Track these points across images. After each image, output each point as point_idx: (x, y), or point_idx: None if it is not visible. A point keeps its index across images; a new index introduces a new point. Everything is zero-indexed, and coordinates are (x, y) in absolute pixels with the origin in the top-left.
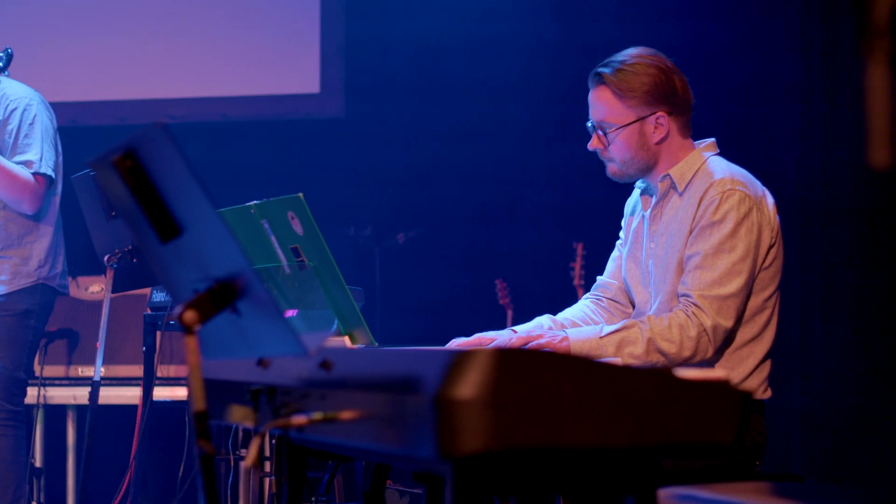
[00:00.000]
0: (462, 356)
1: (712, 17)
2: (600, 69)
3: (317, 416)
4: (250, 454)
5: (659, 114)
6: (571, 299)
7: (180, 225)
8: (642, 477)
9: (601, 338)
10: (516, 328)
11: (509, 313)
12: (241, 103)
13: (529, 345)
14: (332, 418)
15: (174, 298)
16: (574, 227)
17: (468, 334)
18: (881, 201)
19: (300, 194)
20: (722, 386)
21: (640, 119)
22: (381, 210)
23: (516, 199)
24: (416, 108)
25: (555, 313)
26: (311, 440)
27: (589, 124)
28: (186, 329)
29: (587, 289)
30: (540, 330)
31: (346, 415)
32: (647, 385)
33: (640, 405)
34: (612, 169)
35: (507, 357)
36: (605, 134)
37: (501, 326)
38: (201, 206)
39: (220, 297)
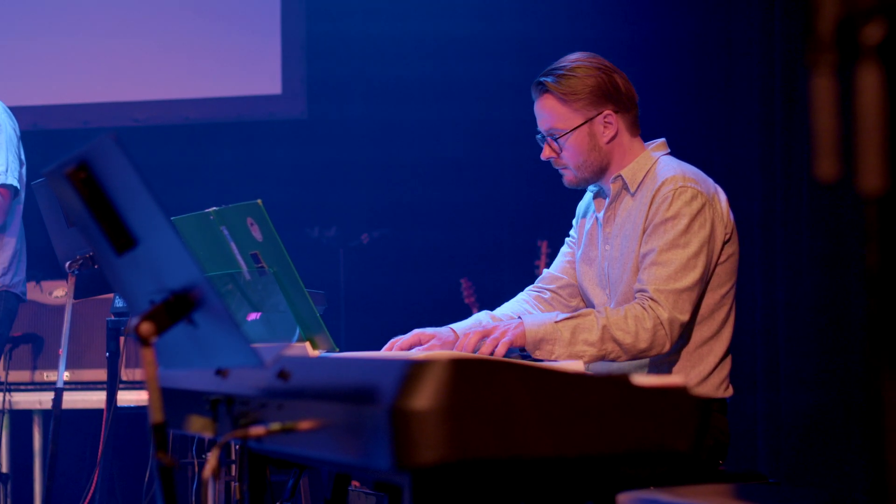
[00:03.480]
0: (418, 367)
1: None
2: (542, 78)
3: (275, 426)
4: (209, 464)
5: (606, 112)
6: None
7: (135, 237)
8: (601, 483)
9: (556, 322)
10: (454, 326)
11: (474, 312)
12: (204, 105)
13: (491, 337)
14: (290, 429)
15: (131, 309)
16: (538, 226)
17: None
18: (841, 204)
19: (259, 201)
20: (679, 393)
21: (588, 120)
22: (345, 211)
23: (480, 198)
24: (379, 108)
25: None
26: (271, 450)
27: (538, 136)
28: (142, 341)
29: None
30: (479, 327)
31: (304, 425)
32: (604, 393)
33: (597, 414)
34: (567, 177)
35: (462, 367)
36: (555, 141)
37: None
38: (155, 218)
39: (176, 308)
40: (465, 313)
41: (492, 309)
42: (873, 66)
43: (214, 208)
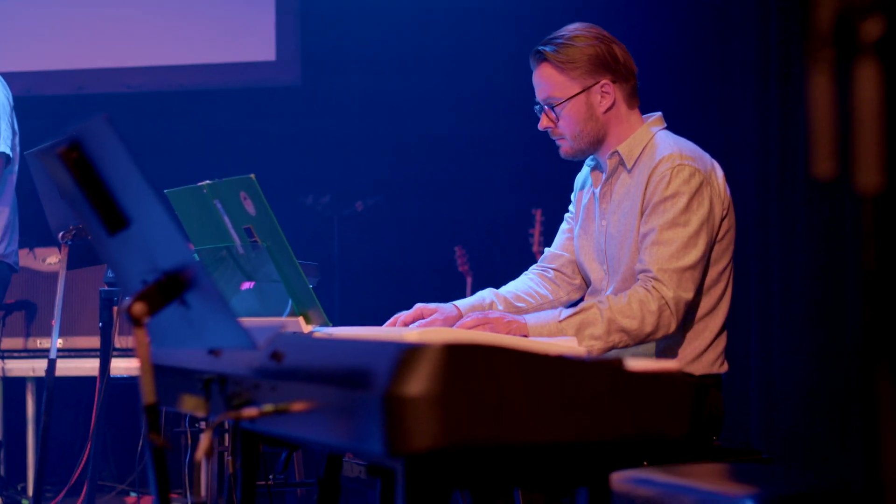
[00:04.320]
0: (411, 352)
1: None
2: (540, 47)
3: (268, 408)
4: (202, 446)
5: (603, 82)
6: (530, 265)
7: (127, 217)
8: (595, 469)
9: (560, 321)
10: (457, 302)
11: (469, 280)
12: (198, 72)
13: (489, 327)
14: (283, 410)
15: (123, 289)
16: (533, 194)
17: (427, 301)
18: (838, 179)
19: (252, 175)
20: (674, 378)
21: (586, 89)
22: (340, 178)
23: (475, 165)
24: (374, 76)
25: (514, 279)
26: (263, 430)
27: (536, 107)
28: (135, 321)
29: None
30: (482, 304)
31: (297, 406)
32: (598, 379)
33: (590, 399)
34: (564, 148)
35: (456, 352)
36: (552, 109)
37: (461, 294)
38: (147, 199)
39: (168, 289)
40: (459, 280)
41: (492, 284)
42: (871, 63)
43: (207, 182)
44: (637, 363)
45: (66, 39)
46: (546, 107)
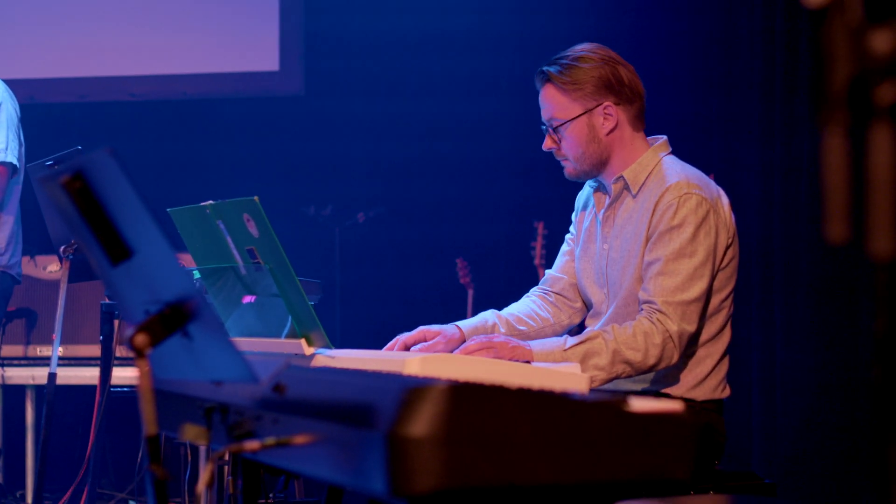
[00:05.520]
0: (416, 391)
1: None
2: (545, 67)
3: (269, 441)
4: (203, 479)
5: (606, 104)
6: (532, 278)
7: (130, 248)
8: None
9: (565, 350)
10: (460, 323)
11: (470, 293)
12: (201, 81)
13: (494, 353)
14: (285, 443)
15: (126, 317)
16: (535, 207)
17: (428, 314)
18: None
19: (255, 197)
20: (678, 419)
21: (588, 111)
22: (342, 189)
23: (478, 177)
24: (376, 87)
25: (515, 293)
26: (264, 461)
27: (542, 127)
28: (137, 352)
29: (548, 268)
30: (484, 325)
31: (299, 440)
32: (602, 419)
33: (594, 440)
34: (568, 169)
35: (460, 392)
36: (555, 131)
37: (462, 306)
38: (150, 231)
39: (171, 320)
40: (460, 293)
41: (493, 296)
42: (886, 126)
43: (211, 202)
44: (641, 403)
45: (70, 47)
46: (550, 128)
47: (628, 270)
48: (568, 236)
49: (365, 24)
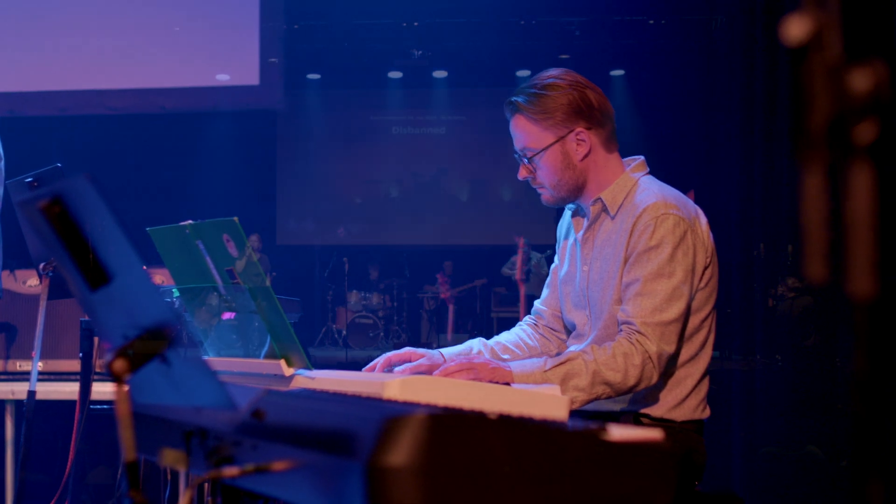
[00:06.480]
0: (395, 420)
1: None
2: (513, 98)
3: (248, 467)
4: None
5: (578, 130)
6: (512, 292)
7: (109, 273)
8: None
9: (545, 371)
10: (444, 350)
11: (451, 307)
12: (180, 94)
13: (473, 373)
14: (264, 469)
15: (105, 341)
16: (516, 223)
17: (411, 330)
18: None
19: (235, 218)
20: (658, 448)
21: (560, 139)
22: (321, 203)
23: (459, 191)
24: (357, 101)
25: (496, 307)
26: (243, 487)
27: (515, 155)
28: (116, 378)
29: (527, 282)
30: (468, 353)
31: (279, 466)
32: (582, 448)
33: (574, 470)
34: (545, 197)
35: (440, 421)
36: (530, 161)
37: (444, 320)
38: (128, 258)
39: (150, 346)
40: (440, 307)
41: (473, 312)
42: (865, 166)
43: (190, 222)
44: (621, 432)
45: (50, 61)
46: (524, 157)
47: (608, 292)
48: (553, 266)
49: (347, 41)
